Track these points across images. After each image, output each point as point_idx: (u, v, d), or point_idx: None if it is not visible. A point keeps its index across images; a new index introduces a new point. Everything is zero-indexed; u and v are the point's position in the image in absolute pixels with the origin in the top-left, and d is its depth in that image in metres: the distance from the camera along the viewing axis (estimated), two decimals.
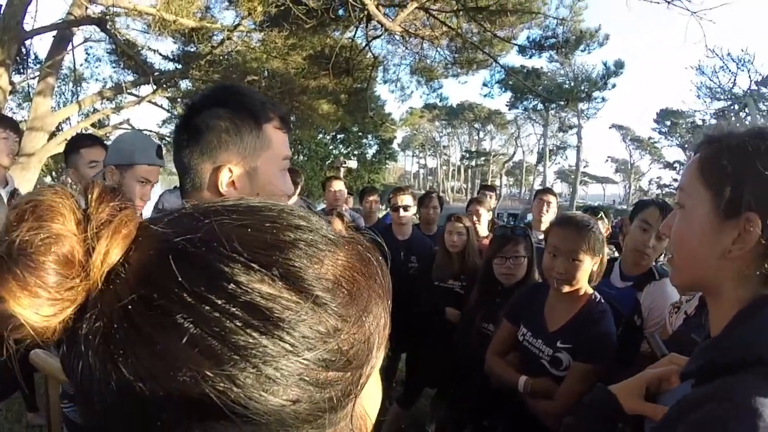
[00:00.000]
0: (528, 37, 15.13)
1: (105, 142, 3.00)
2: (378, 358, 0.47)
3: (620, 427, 1.16)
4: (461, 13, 11.87)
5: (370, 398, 0.51)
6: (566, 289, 2.23)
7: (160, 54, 11.96)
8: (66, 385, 1.55)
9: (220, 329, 0.38)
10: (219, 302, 0.38)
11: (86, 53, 19.18)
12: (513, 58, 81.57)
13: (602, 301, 2.24)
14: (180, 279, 0.39)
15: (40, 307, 0.38)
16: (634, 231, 2.77)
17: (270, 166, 1.29)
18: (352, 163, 22.01)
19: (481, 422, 2.97)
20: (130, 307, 0.39)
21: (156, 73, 11.00)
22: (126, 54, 11.09)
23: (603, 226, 2.22)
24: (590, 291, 2.26)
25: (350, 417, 0.46)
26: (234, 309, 0.38)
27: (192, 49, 11.73)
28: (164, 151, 2.41)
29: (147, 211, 2.75)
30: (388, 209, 4.59)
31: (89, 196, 0.42)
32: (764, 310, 0.86)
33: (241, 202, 0.47)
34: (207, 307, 0.38)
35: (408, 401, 4.01)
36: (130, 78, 12.58)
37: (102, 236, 0.41)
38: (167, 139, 13.32)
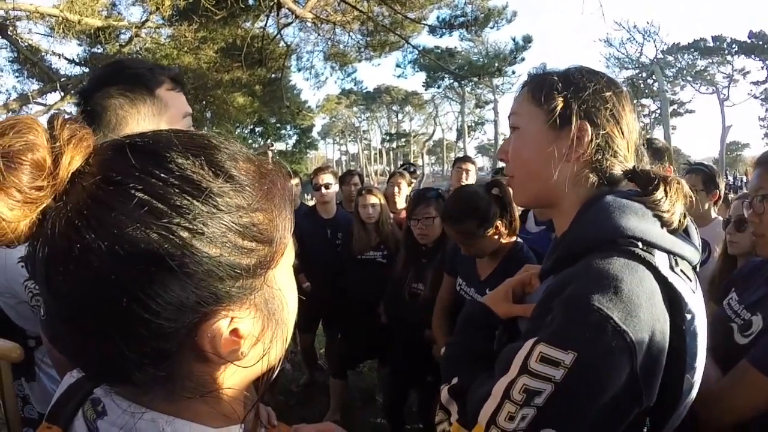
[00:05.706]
0: (438, 17, 15.42)
1: None
2: (284, 245, 0.60)
3: (497, 334, 1.22)
4: None
5: (286, 284, 0.63)
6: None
7: (66, 58, 11.41)
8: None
9: (162, 193, 0.50)
10: (161, 175, 0.51)
11: None
12: (425, 39, 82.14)
13: (525, 248, 2.41)
14: (133, 161, 0.51)
15: (15, 205, 0.48)
16: None
17: (173, 126, 1.35)
18: (280, 145, 21.65)
19: (425, 379, 3.12)
20: (94, 186, 0.50)
21: (62, 79, 10.48)
22: (29, 61, 10.53)
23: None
24: (513, 240, 2.44)
25: (267, 286, 0.59)
26: (172, 179, 0.51)
27: (99, 51, 11.24)
28: None
29: None
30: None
31: (54, 122, 0.52)
32: (598, 202, 1.00)
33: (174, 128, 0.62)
34: (152, 179, 0.50)
35: (339, 372, 4.10)
36: (36, 86, 11.89)
37: (67, 148, 0.51)
38: None
